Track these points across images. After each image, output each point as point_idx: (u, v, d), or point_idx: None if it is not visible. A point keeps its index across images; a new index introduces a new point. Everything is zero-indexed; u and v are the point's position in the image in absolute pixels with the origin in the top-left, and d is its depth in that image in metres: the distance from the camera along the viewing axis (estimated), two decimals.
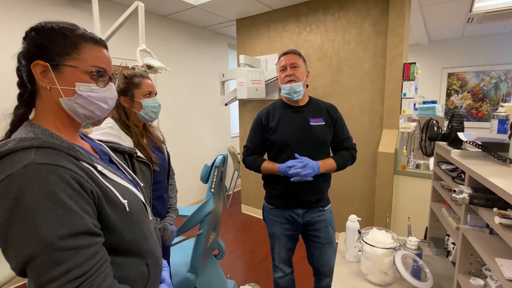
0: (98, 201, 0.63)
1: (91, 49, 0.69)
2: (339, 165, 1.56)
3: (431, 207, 1.33)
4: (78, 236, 0.57)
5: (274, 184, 1.61)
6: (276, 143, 1.56)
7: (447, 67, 4.80)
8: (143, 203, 0.80)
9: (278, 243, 1.65)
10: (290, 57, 1.53)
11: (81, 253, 0.56)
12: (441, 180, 1.23)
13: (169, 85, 3.62)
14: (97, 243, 0.60)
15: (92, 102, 0.69)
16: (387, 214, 1.64)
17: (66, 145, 0.64)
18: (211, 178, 1.82)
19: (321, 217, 1.60)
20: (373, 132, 2.74)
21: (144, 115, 1.34)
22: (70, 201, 0.57)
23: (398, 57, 2.48)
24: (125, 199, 0.69)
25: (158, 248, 0.81)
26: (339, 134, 1.61)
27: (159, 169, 1.35)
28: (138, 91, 1.32)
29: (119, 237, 0.67)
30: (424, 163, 3.06)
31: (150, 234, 0.78)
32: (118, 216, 0.66)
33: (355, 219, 1.32)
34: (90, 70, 0.68)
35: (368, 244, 1.12)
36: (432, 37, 4.61)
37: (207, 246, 1.89)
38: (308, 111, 1.59)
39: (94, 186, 0.63)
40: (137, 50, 1.79)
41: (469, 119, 4.74)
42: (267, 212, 1.69)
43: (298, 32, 3.10)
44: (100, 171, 0.68)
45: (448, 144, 1.22)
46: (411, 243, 1.17)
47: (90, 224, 0.59)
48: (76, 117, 0.70)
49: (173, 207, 1.52)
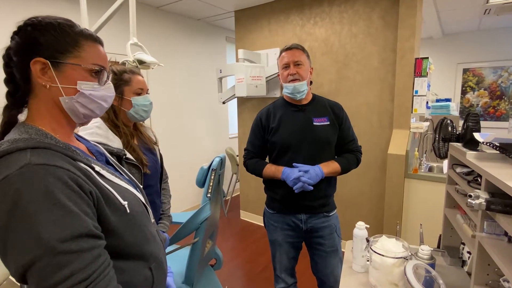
0: (97, 203, 0.64)
1: (91, 47, 0.71)
2: (343, 168, 1.57)
3: (445, 213, 1.33)
4: (79, 238, 0.58)
5: (275, 188, 1.61)
6: (277, 145, 1.56)
7: (462, 62, 4.81)
8: (144, 205, 0.82)
9: (280, 250, 1.65)
10: (293, 54, 1.52)
11: (83, 256, 0.58)
12: (456, 184, 1.23)
13: (162, 81, 3.63)
14: (99, 245, 0.61)
15: (93, 101, 0.72)
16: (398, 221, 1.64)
17: (62, 145, 0.65)
18: (208, 182, 1.82)
19: (325, 223, 1.60)
20: (382, 133, 2.75)
21: (134, 114, 1.34)
22: (69, 203, 0.58)
23: (409, 52, 2.49)
24: (125, 200, 0.70)
25: (161, 252, 0.83)
26: (344, 135, 1.61)
27: (150, 172, 1.35)
28: (128, 88, 1.32)
29: (120, 240, 0.68)
30: (437, 166, 3.06)
31: (152, 236, 0.79)
32: (119, 218, 0.68)
33: (363, 226, 1.32)
34: (92, 68, 0.71)
35: (377, 253, 1.12)
36: (446, 30, 4.63)
37: (203, 256, 1.89)
38: (311, 110, 1.58)
39: (93, 187, 0.64)
40: (128, 44, 1.79)
41: (486, 119, 4.74)
42: (268, 217, 1.69)
43: (302, 25, 3.10)
44: (98, 171, 0.69)
45: (463, 145, 1.22)
46: (424, 252, 1.17)
47: (91, 226, 0.60)
48: (74, 117, 0.72)
49: (166, 213, 1.51)
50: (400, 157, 2.49)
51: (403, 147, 2.50)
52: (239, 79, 3.07)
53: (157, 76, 3.53)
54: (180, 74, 3.88)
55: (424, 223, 1.67)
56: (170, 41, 3.72)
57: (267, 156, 1.70)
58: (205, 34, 4.19)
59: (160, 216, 1.48)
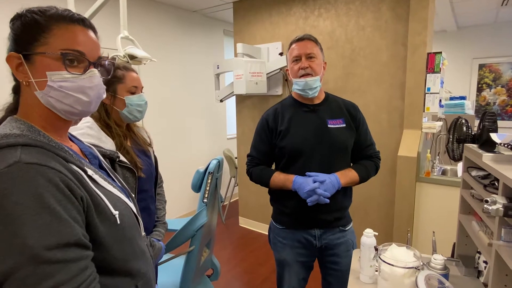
0: (87, 210, 0.63)
1: (63, 30, 0.67)
2: (362, 178, 1.52)
3: (460, 220, 1.33)
4: (66, 247, 0.57)
5: (284, 200, 1.53)
6: (287, 151, 1.49)
7: (478, 57, 4.81)
8: (136, 216, 0.81)
9: (289, 272, 1.56)
10: (306, 45, 1.45)
11: (69, 267, 0.57)
12: (471, 189, 1.23)
13: (155, 78, 3.63)
14: (86, 256, 0.61)
15: (67, 95, 0.67)
16: (408, 228, 1.64)
17: (55, 144, 0.65)
18: (204, 186, 1.82)
19: (341, 239, 1.54)
20: (392, 133, 2.75)
21: (128, 115, 1.34)
22: (59, 207, 0.57)
23: (421, 46, 2.49)
24: (116, 210, 0.69)
25: (150, 268, 0.82)
26: (362, 139, 1.56)
27: (145, 176, 1.35)
28: (121, 86, 1.32)
29: (107, 253, 0.67)
30: (451, 168, 3.06)
31: (142, 252, 0.78)
32: (108, 229, 0.67)
33: (371, 234, 1.32)
34: (60, 56, 0.66)
35: (386, 263, 1.12)
36: (461, 23, 4.63)
37: (199, 265, 1.88)
38: (325, 110, 1.53)
39: (84, 193, 0.63)
40: (118, 37, 1.80)
41: (504, 118, 4.75)
42: (276, 233, 1.61)
43: (305, 17, 3.11)
44: (90, 176, 0.68)
45: (479, 146, 1.22)
46: (436, 261, 1.17)
47: (80, 235, 0.60)
48: (59, 114, 0.70)
49: (161, 220, 1.51)
50: (411, 159, 2.49)
51: (415, 149, 2.51)
52: (237, 76, 3.08)
53: (150, 72, 3.53)
54: (174, 70, 3.88)
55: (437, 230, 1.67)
56: (164, 34, 3.72)
57: (274, 164, 1.63)
58: (201, 27, 4.20)
59: (154, 223, 1.48)
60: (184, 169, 4.03)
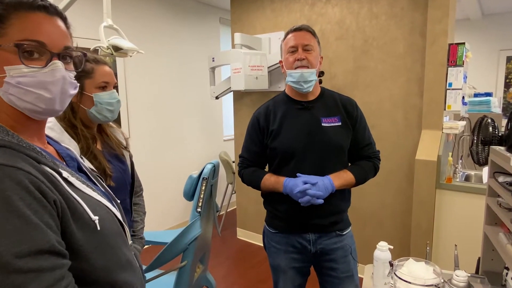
0: (62, 215, 0.64)
1: (23, 18, 0.66)
2: (358, 180, 1.56)
3: (485, 231, 1.33)
4: (39, 255, 0.57)
5: (276, 203, 1.61)
6: (279, 152, 1.56)
7: (506, 48, 4.82)
8: (120, 223, 0.81)
9: (284, 278, 1.64)
10: (302, 36, 1.51)
11: (43, 277, 0.57)
12: (498, 197, 1.23)
13: (142, 72, 3.64)
14: (62, 265, 0.61)
15: (26, 91, 0.67)
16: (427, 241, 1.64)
17: (25, 145, 0.66)
18: (198, 194, 1.82)
19: (338, 244, 1.60)
20: (409, 134, 2.75)
21: (97, 114, 1.32)
22: (29, 211, 0.58)
23: (442, 36, 2.50)
24: (96, 215, 0.70)
25: (139, 281, 0.82)
26: (359, 138, 1.61)
27: (115, 185, 1.33)
28: (89, 82, 1.30)
29: (86, 263, 0.67)
30: (476, 174, 3.06)
31: (128, 262, 0.79)
32: (87, 237, 0.67)
33: (386, 247, 1.32)
34: (14, 46, 0.65)
35: (402, 280, 1.12)
36: (486, 10, 4.64)
37: (192, 283, 1.88)
38: (319, 107, 1.58)
39: (58, 196, 0.64)
40: (101, 26, 1.80)
41: None
42: (269, 238, 1.69)
43: (311, 3, 3.12)
44: (65, 178, 0.69)
45: (507, 149, 1.22)
46: (459, 278, 1.17)
47: (53, 241, 0.60)
48: (25, 113, 0.70)
49: (137, 234, 1.49)
50: (431, 163, 2.50)
51: (434, 152, 2.51)
52: (235, 69, 3.08)
53: (137, 65, 3.54)
54: (164, 63, 3.89)
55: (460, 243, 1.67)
56: (153, 23, 3.73)
57: (267, 165, 1.70)
58: (194, 15, 4.21)
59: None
60: (176, 174, 4.04)
